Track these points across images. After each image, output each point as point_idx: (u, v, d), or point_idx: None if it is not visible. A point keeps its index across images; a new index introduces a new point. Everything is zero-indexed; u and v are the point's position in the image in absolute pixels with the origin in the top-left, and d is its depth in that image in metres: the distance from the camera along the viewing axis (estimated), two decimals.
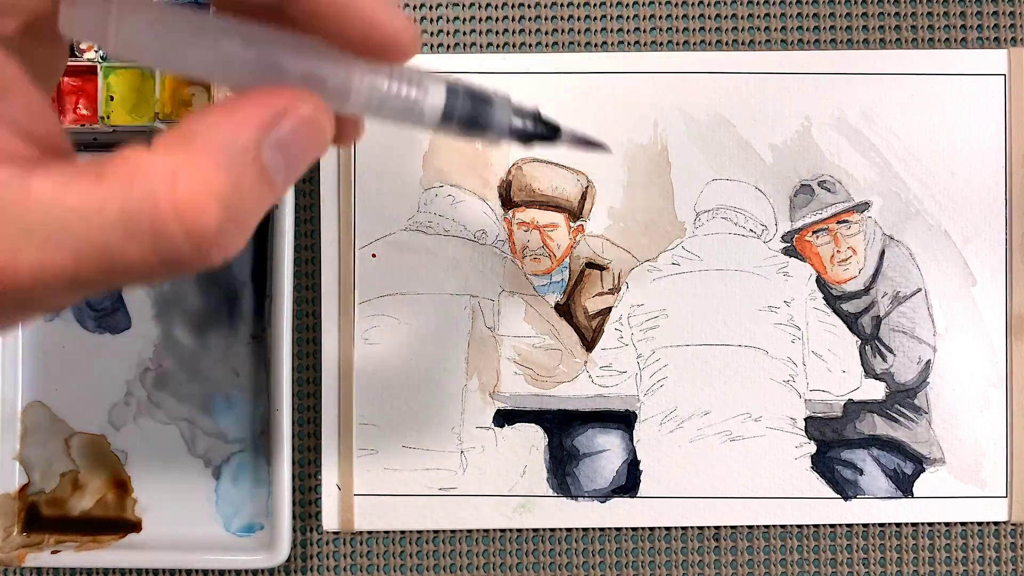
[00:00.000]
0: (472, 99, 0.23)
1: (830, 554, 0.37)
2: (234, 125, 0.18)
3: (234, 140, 0.18)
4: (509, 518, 0.37)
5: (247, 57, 0.19)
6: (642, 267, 0.37)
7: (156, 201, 0.17)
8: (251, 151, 0.18)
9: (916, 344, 0.37)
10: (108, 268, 0.17)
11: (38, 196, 0.17)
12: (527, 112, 0.25)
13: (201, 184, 0.17)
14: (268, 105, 0.18)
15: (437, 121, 0.23)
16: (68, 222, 0.17)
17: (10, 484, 0.37)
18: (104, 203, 0.17)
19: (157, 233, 0.17)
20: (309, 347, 0.38)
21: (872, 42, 0.37)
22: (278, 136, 0.18)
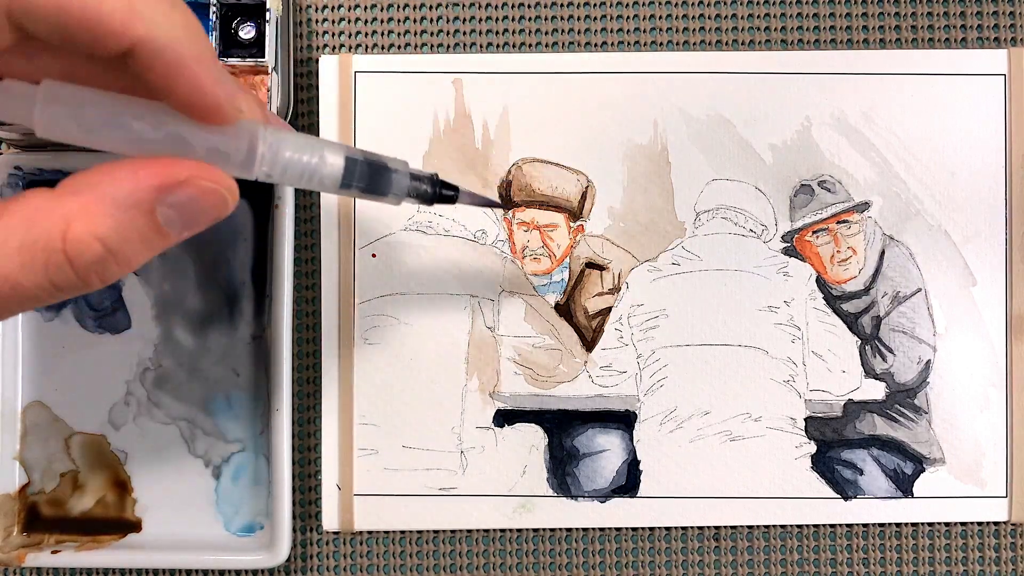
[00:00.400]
0: (370, 166, 0.26)
1: (830, 554, 0.37)
2: (133, 183, 0.21)
3: (128, 195, 0.21)
4: (509, 518, 0.37)
5: (157, 136, 0.22)
6: (642, 267, 0.37)
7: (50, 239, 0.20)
8: (143, 207, 0.21)
9: (916, 344, 0.37)
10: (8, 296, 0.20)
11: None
12: (425, 177, 0.27)
13: (87, 227, 0.20)
14: (168, 173, 0.21)
15: (337, 187, 0.25)
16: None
17: (10, 484, 0.37)
18: (5, 239, 0.20)
19: (48, 263, 0.20)
20: (309, 347, 0.38)
21: (872, 42, 0.37)
22: (174, 199, 0.21)
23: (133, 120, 0.22)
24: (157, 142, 0.22)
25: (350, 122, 0.37)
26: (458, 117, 0.37)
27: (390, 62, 0.37)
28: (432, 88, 0.37)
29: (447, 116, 0.37)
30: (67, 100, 0.22)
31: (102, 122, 0.22)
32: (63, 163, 0.36)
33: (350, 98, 0.37)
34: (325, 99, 0.37)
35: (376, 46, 0.38)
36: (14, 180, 0.36)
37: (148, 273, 0.38)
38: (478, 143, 0.37)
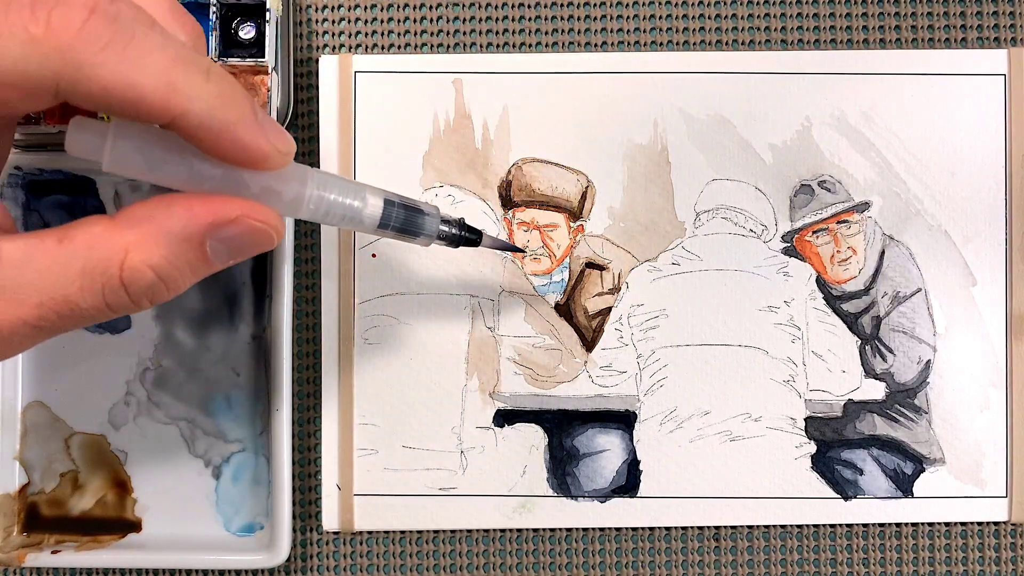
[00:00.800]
0: (406, 210, 0.28)
1: (830, 554, 0.37)
2: (187, 219, 0.23)
3: (182, 230, 0.23)
4: (509, 518, 0.37)
5: (216, 174, 0.24)
6: (642, 267, 0.37)
7: (109, 266, 0.22)
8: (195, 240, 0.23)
9: (916, 344, 0.37)
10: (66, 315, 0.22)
11: (9, 259, 0.21)
12: (454, 221, 0.30)
13: (143, 257, 0.22)
14: (220, 211, 0.23)
15: (375, 227, 0.27)
16: (35, 280, 0.21)
17: (10, 484, 0.37)
18: (68, 263, 0.21)
19: (106, 287, 0.22)
20: (309, 347, 0.38)
21: (872, 42, 0.37)
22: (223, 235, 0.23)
23: (194, 158, 0.23)
24: (215, 179, 0.24)
25: (350, 122, 0.37)
26: (458, 117, 0.37)
27: (390, 62, 0.37)
28: (432, 88, 0.37)
29: (447, 116, 0.37)
30: (136, 137, 0.23)
31: (166, 160, 0.23)
32: (63, 164, 0.36)
33: (350, 98, 0.37)
34: (325, 99, 0.37)
35: (376, 46, 0.38)
36: (14, 180, 0.36)
37: None
38: (478, 143, 0.37)
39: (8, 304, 0.21)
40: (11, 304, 0.21)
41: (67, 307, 0.22)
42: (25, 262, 0.21)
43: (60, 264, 0.21)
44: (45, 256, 0.21)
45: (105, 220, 0.23)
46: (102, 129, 0.23)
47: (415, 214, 0.29)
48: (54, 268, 0.21)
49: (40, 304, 0.21)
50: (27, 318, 0.21)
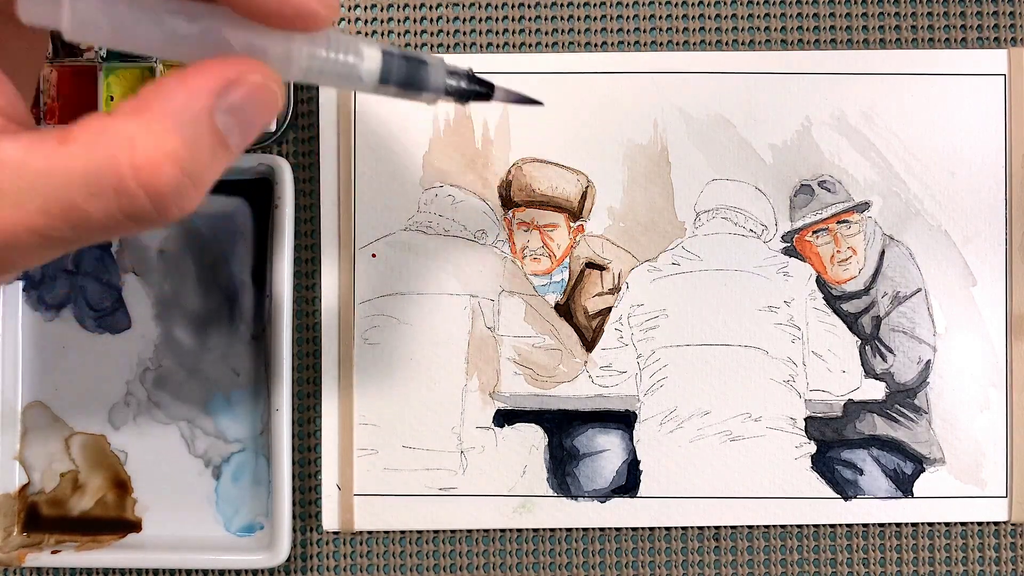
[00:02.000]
0: (407, 61, 0.25)
1: (830, 554, 0.37)
2: (188, 93, 0.20)
3: (188, 106, 0.20)
4: (509, 518, 0.37)
5: (192, 31, 0.21)
6: (642, 267, 0.37)
7: (116, 162, 0.19)
8: (204, 116, 0.20)
9: (916, 344, 0.37)
10: (75, 223, 0.19)
11: (6, 160, 0.19)
12: (461, 72, 0.26)
13: (157, 147, 0.19)
14: (219, 74, 0.20)
15: (375, 83, 0.24)
16: (35, 183, 0.19)
17: (10, 484, 0.37)
18: (68, 164, 0.19)
19: (119, 191, 0.19)
20: (309, 346, 0.38)
21: (872, 42, 0.37)
22: (230, 102, 0.20)
23: (166, 15, 0.20)
24: (192, 38, 0.21)
25: (350, 122, 0.37)
26: (458, 117, 0.37)
27: None
28: None
29: (447, 116, 0.37)
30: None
31: (134, 18, 0.20)
32: None
33: (350, 98, 0.37)
34: (325, 99, 0.37)
35: None
36: None
37: (148, 273, 0.38)
38: (478, 143, 0.37)
39: (11, 210, 0.19)
40: (13, 209, 0.19)
41: (75, 214, 0.19)
42: (25, 164, 0.19)
43: (61, 165, 0.19)
44: (45, 158, 0.19)
45: (101, 115, 0.20)
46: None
47: (418, 64, 0.25)
48: (55, 170, 0.19)
49: (45, 211, 0.19)
50: (32, 224, 0.19)
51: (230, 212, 0.37)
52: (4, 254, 0.19)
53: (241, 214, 0.37)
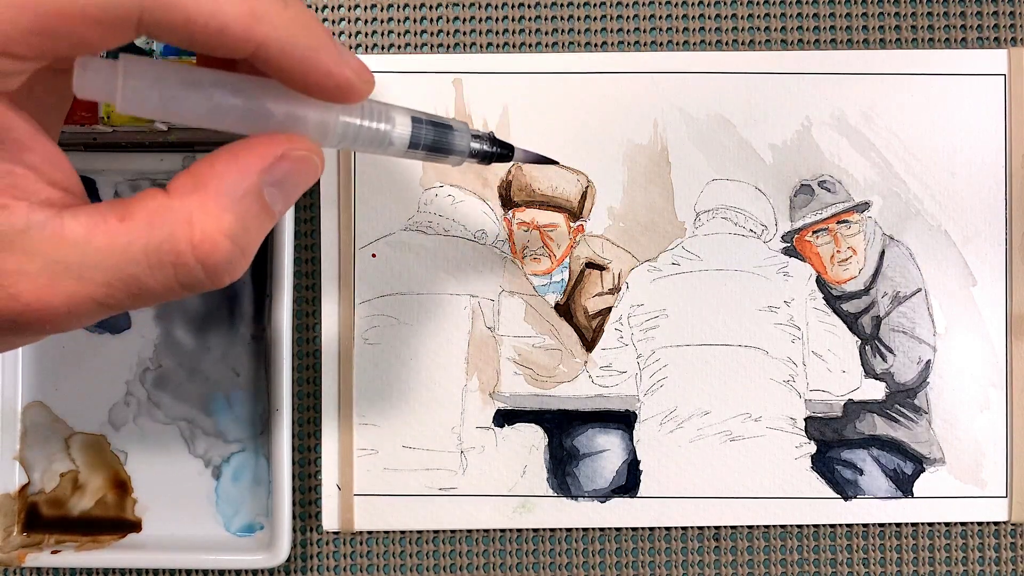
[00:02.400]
0: (435, 127, 0.27)
1: (830, 554, 0.37)
2: (239, 172, 0.21)
3: (239, 184, 0.21)
4: (509, 518, 0.37)
5: (236, 103, 0.22)
6: (642, 267, 0.37)
7: (176, 240, 0.21)
8: (254, 192, 0.22)
9: (916, 344, 0.37)
10: (134, 294, 0.21)
11: (71, 236, 0.20)
12: (484, 136, 0.29)
13: (214, 225, 0.21)
14: (267, 152, 0.22)
15: (405, 148, 0.26)
16: (98, 258, 0.20)
17: (10, 484, 0.37)
18: (129, 241, 0.20)
19: (177, 266, 0.21)
20: (309, 347, 0.38)
21: (872, 42, 0.37)
22: (276, 176, 0.22)
23: (213, 89, 0.22)
24: (236, 110, 0.22)
25: None
26: (458, 117, 0.37)
27: (390, 62, 0.37)
28: (432, 88, 0.37)
29: (447, 116, 0.37)
30: (147, 73, 0.22)
31: (182, 93, 0.22)
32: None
33: None
34: None
35: (376, 46, 0.38)
36: None
37: None
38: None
39: (74, 282, 0.20)
40: (78, 282, 0.20)
41: (136, 286, 0.21)
42: (88, 240, 0.20)
43: (122, 243, 0.20)
44: (107, 235, 0.20)
45: (159, 193, 0.21)
46: (111, 67, 0.21)
47: (445, 131, 0.27)
48: (116, 247, 0.20)
49: (107, 283, 0.21)
50: (95, 296, 0.21)
51: None
52: (65, 321, 0.21)
53: None
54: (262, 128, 0.23)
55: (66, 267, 0.20)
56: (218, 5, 0.20)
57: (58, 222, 0.20)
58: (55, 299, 0.20)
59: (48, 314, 0.20)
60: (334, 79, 0.22)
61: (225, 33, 0.20)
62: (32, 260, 0.20)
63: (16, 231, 0.20)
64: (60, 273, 0.20)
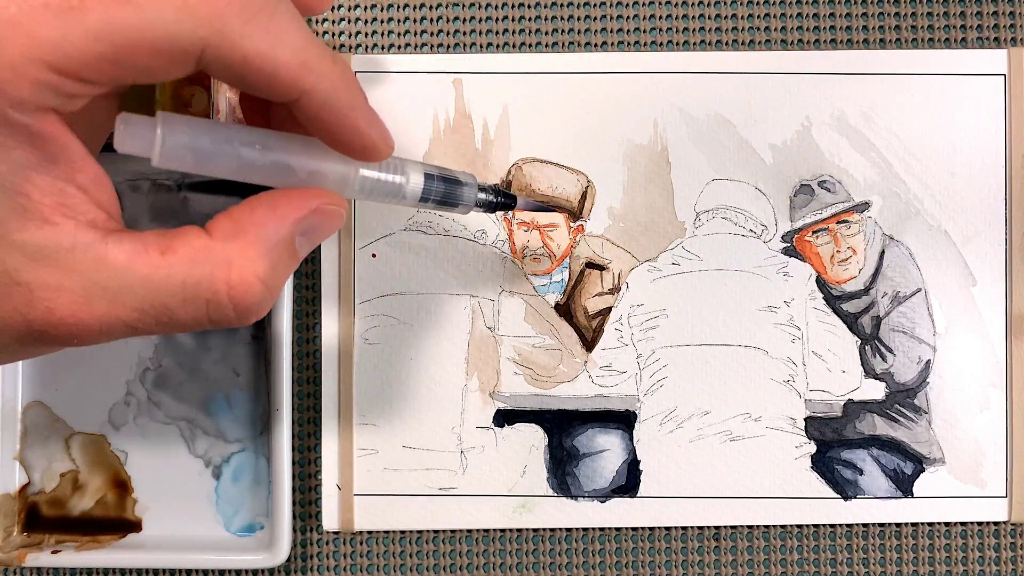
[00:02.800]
0: (446, 182, 0.28)
1: (830, 554, 0.37)
2: (277, 221, 0.24)
3: (276, 232, 0.23)
4: (509, 518, 0.37)
5: (265, 161, 0.24)
6: (642, 267, 0.37)
7: (214, 280, 0.22)
8: (287, 240, 0.24)
9: (916, 344, 0.37)
10: (164, 323, 0.22)
11: (112, 261, 0.21)
12: (490, 188, 0.30)
13: (250, 269, 0.23)
14: (302, 205, 0.24)
15: (416, 201, 0.28)
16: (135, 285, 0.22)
17: (10, 484, 0.37)
18: (169, 274, 0.22)
19: (211, 303, 0.23)
20: (309, 347, 0.38)
21: (872, 42, 0.37)
22: (307, 227, 0.24)
23: (242, 147, 0.24)
24: (263, 167, 0.24)
25: None
26: (458, 117, 0.37)
27: (390, 62, 0.37)
28: (432, 88, 0.37)
29: (447, 116, 0.37)
30: (184, 130, 0.23)
31: (216, 150, 0.23)
32: None
33: None
34: None
35: (376, 46, 0.38)
36: None
37: None
38: (478, 143, 0.37)
39: (109, 304, 0.22)
40: (112, 304, 0.22)
41: (166, 315, 0.22)
42: (129, 268, 0.22)
43: (162, 275, 0.22)
44: (148, 265, 0.22)
45: (203, 234, 0.23)
46: (151, 124, 0.23)
47: (454, 185, 0.29)
48: (155, 278, 0.22)
49: (140, 309, 0.22)
50: (126, 319, 0.22)
51: None
52: (93, 338, 0.22)
53: None
54: (286, 181, 0.25)
55: (103, 289, 0.21)
56: (274, 51, 0.21)
57: (102, 246, 0.21)
58: (88, 318, 0.21)
59: (79, 330, 0.22)
60: (362, 140, 0.24)
61: (276, 78, 0.22)
62: (72, 278, 0.21)
63: (63, 249, 0.21)
64: (97, 294, 0.21)
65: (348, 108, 0.23)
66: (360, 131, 0.24)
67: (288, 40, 0.22)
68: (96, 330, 0.22)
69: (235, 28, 0.21)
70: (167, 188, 0.37)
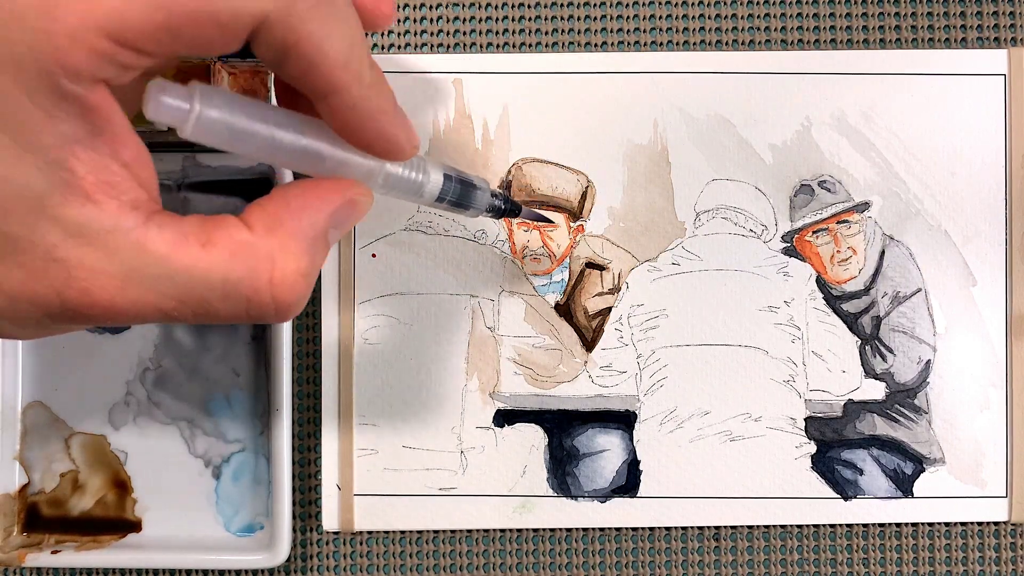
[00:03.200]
0: (462, 184, 0.29)
1: (830, 554, 0.37)
2: (313, 213, 0.23)
3: (313, 226, 0.23)
4: (509, 518, 0.37)
5: (297, 146, 0.23)
6: (642, 267, 0.37)
7: (257, 277, 0.22)
8: (324, 233, 0.24)
9: (916, 344, 0.37)
10: (200, 314, 0.22)
11: (153, 248, 0.21)
12: (500, 195, 0.31)
13: (293, 267, 0.23)
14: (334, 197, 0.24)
15: (433, 200, 0.28)
16: (174, 275, 0.21)
17: (10, 484, 0.37)
18: (209, 268, 0.22)
19: (251, 300, 0.22)
20: (309, 347, 0.38)
21: (872, 42, 0.37)
22: (340, 219, 0.24)
23: (277, 129, 0.23)
24: (295, 151, 0.23)
25: None
26: (458, 117, 0.37)
27: (390, 62, 0.37)
28: (432, 88, 0.37)
29: (447, 116, 0.37)
30: (221, 103, 0.22)
31: (249, 128, 0.22)
32: None
33: None
34: None
35: (376, 46, 0.38)
36: None
37: None
38: (478, 143, 0.37)
39: (145, 291, 0.21)
40: (149, 292, 0.21)
41: (203, 308, 0.22)
42: (168, 258, 0.21)
43: (202, 268, 0.22)
44: (188, 257, 0.21)
45: (243, 227, 0.22)
46: (186, 94, 0.22)
47: (470, 188, 0.29)
48: (196, 271, 0.21)
49: (178, 299, 0.22)
50: (162, 307, 0.22)
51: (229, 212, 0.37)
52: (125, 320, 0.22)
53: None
54: (313, 168, 0.24)
55: (141, 275, 0.21)
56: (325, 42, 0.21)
57: (143, 231, 0.21)
58: (124, 302, 0.21)
59: (112, 312, 0.21)
60: (388, 142, 0.24)
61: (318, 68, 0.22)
62: (112, 261, 0.21)
63: (104, 229, 0.20)
64: (134, 279, 0.21)
65: (377, 111, 0.23)
66: (385, 134, 0.24)
67: (338, 36, 0.21)
68: (130, 314, 0.22)
69: (297, 10, 0.20)
70: (167, 188, 0.37)
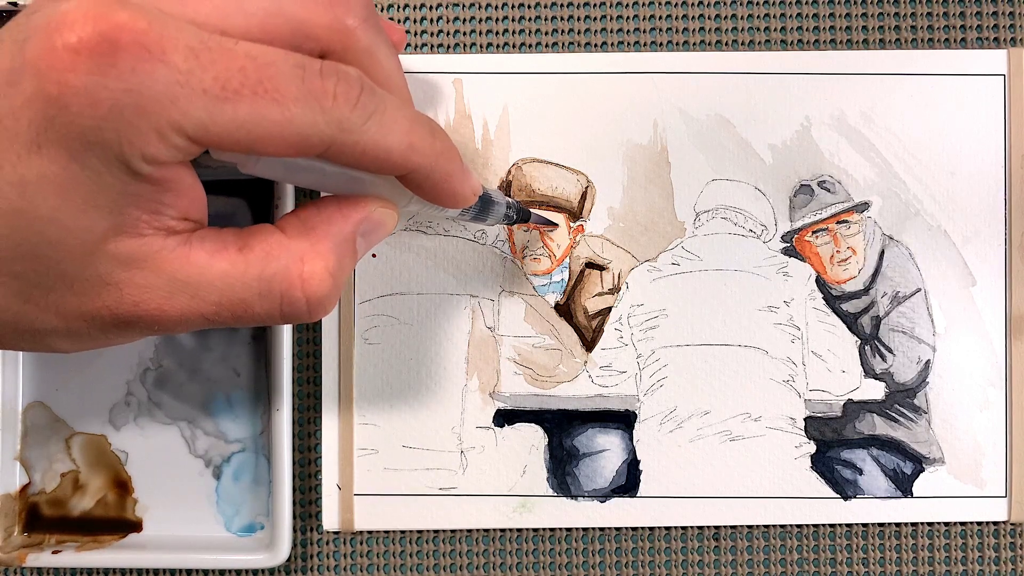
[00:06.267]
0: (482, 200, 0.29)
1: (830, 554, 0.37)
2: (343, 221, 0.25)
3: (342, 231, 0.25)
4: (509, 518, 0.37)
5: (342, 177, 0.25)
6: (642, 267, 0.37)
7: (289, 273, 0.24)
8: (351, 239, 0.26)
9: (916, 344, 0.37)
10: (239, 316, 0.24)
11: (196, 260, 0.23)
12: (514, 205, 0.32)
13: (322, 264, 0.24)
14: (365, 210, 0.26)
15: (456, 215, 0.29)
16: (215, 281, 0.23)
17: (11, 484, 0.37)
18: (246, 270, 0.24)
19: (285, 296, 0.24)
20: (309, 347, 0.38)
21: (872, 42, 0.37)
22: (366, 228, 0.26)
23: (324, 164, 0.24)
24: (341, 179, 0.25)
25: None
26: (458, 117, 0.37)
27: None
28: (432, 88, 0.37)
29: (447, 116, 0.37)
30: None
31: (302, 166, 0.24)
32: None
33: None
34: None
35: None
36: None
37: None
38: (478, 143, 0.37)
39: (191, 299, 0.23)
40: (193, 299, 0.23)
41: (242, 308, 0.24)
42: (210, 265, 0.23)
43: (240, 270, 0.24)
44: (227, 261, 0.23)
45: (276, 231, 0.25)
46: None
47: (488, 202, 0.30)
48: (234, 273, 0.23)
49: (218, 303, 0.24)
50: (204, 312, 0.24)
51: (230, 212, 0.37)
52: (174, 328, 0.24)
53: (241, 214, 0.37)
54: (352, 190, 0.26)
55: (185, 285, 0.23)
56: (387, 141, 0.24)
57: (186, 248, 0.23)
58: (172, 310, 0.23)
59: (161, 322, 0.24)
60: (456, 197, 0.27)
61: (388, 162, 0.24)
62: (158, 277, 0.23)
63: (151, 252, 0.23)
64: (179, 289, 0.23)
65: (446, 174, 0.26)
66: (455, 193, 0.27)
67: (396, 129, 0.24)
68: (177, 322, 0.24)
69: (356, 127, 0.23)
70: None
